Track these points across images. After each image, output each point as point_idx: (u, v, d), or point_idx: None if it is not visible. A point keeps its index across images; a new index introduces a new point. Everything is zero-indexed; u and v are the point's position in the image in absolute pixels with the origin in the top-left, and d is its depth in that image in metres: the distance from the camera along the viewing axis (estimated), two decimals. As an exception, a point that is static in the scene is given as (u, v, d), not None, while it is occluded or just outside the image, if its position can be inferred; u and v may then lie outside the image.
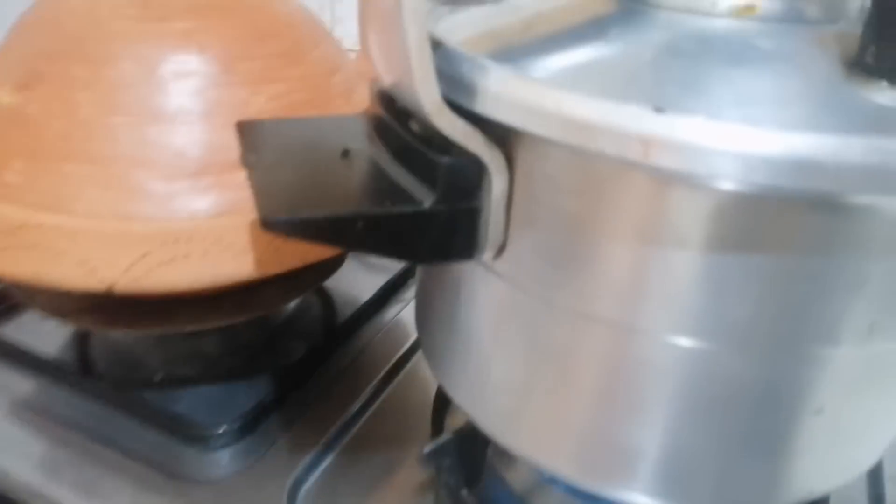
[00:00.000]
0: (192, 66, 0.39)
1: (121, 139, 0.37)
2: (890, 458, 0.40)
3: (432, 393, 0.42)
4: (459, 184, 0.25)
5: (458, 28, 0.28)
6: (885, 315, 0.24)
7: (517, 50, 0.26)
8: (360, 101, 0.47)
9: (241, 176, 0.37)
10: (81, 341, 0.46)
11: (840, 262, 0.22)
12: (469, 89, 0.24)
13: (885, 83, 0.22)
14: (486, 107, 0.23)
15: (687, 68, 0.23)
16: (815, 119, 0.21)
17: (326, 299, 0.51)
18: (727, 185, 0.21)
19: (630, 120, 0.20)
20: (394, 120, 0.28)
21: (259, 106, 0.40)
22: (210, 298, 0.40)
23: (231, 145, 0.38)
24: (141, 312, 0.41)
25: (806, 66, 0.24)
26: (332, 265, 0.46)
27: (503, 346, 0.29)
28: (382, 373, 0.45)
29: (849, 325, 0.24)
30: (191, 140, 0.38)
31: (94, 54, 0.38)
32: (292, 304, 0.50)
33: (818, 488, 0.29)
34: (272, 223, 0.24)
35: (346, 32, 0.81)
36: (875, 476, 0.39)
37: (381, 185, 0.26)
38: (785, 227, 0.22)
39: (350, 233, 0.24)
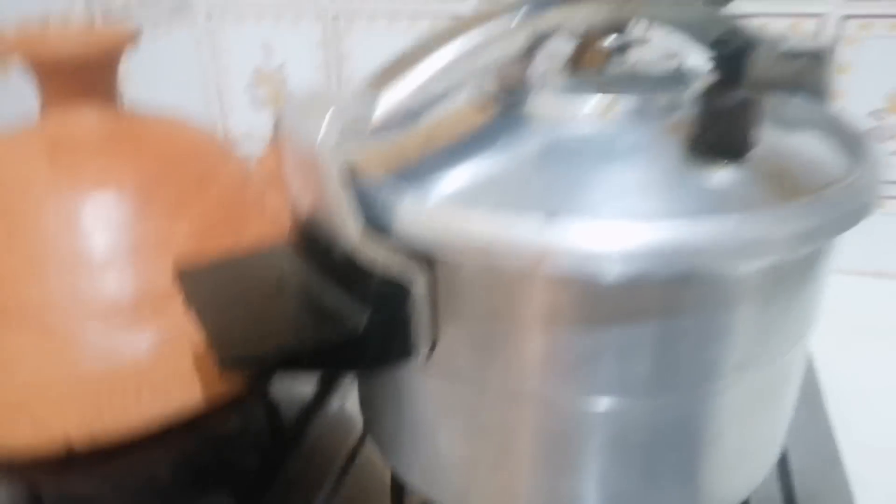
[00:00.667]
0: (112, 205, 0.40)
1: (52, 290, 0.38)
2: (794, 454, 0.46)
3: (388, 478, 0.44)
4: (388, 299, 0.28)
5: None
6: (750, 349, 0.29)
7: (420, 167, 0.30)
8: (273, 204, 0.50)
9: (176, 303, 0.39)
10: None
11: (708, 317, 0.27)
12: (385, 221, 0.27)
13: (718, 165, 0.28)
14: (402, 236, 0.27)
15: (565, 171, 0.28)
16: (672, 206, 0.27)
17: (268, 402, 0.52)
18: (609, 277, 0.25)
19: (522, 238, 0.25)
20: (318, 244, 0.31)
21: (183, 231, 0.42)
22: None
23: (162, 276, 0.39)
24: (92, 459, 0.41)
25: (659, 156, 0.29)
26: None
27: (447, 429, 0.32)
28: (337, 467, 0.46)
29: (725, 363, 0.29)
30: (122, 277, 0.39)
31: (11, 210, 0.39)
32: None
33: (733, 496, 0.34)
34: (228, 362, 0.26)
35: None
36: (784, 472, 0.45)
37: (317, 310, 0.29)
38: (662, 298, 0.26)
39: (297, 361, 0.27)
